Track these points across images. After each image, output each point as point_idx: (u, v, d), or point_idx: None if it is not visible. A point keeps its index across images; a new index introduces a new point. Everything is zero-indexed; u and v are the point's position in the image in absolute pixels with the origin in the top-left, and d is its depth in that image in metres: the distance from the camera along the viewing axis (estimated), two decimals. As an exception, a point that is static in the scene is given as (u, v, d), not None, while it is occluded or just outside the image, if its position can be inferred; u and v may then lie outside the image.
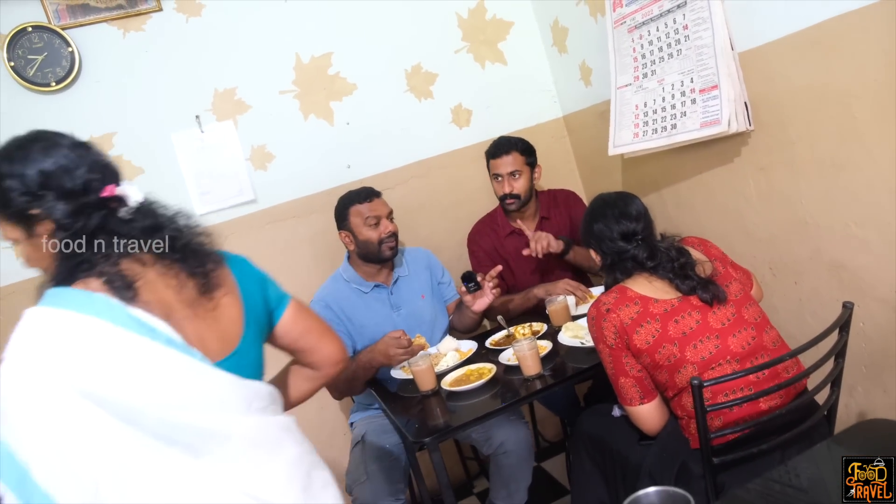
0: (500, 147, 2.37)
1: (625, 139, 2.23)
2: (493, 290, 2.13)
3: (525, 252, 2.22)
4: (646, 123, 2.12)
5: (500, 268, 2.19)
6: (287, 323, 1.25)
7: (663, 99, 2.04)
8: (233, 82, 2.50)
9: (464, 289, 2.13)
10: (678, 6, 1.93)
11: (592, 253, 1.63)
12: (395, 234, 2.19)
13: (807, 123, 1.73)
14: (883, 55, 1.47)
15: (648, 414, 1.45)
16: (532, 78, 2.88)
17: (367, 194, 2.20)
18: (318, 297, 2.21)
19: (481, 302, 2.14)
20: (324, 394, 2.59)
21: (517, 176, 2.34)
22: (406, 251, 2.36)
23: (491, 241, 2.46)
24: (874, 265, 1.68)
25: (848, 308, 1.36)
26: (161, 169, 2.42)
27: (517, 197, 2.35)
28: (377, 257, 2.18)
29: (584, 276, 2.46)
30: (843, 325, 1.35)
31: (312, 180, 2.61)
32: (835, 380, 1.40)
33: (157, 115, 2.41)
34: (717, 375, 1.34)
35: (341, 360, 1.33)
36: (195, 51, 2.45)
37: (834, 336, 1.41)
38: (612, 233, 1.53)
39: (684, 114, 1.96)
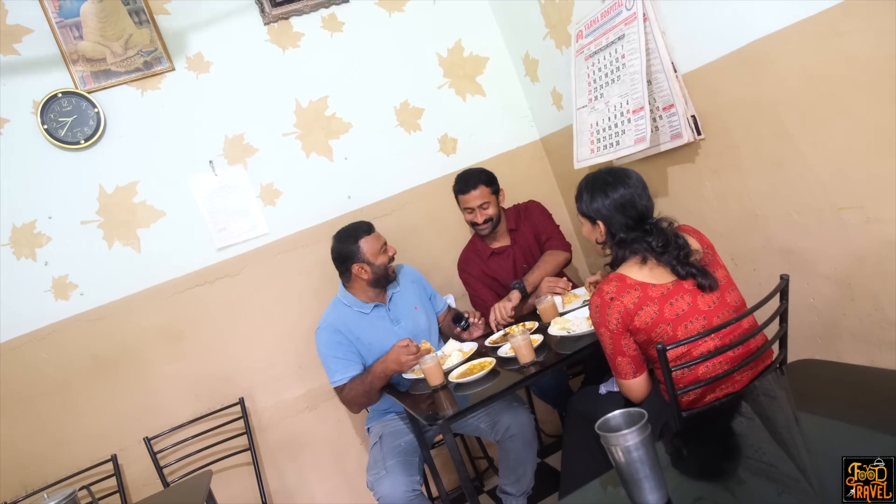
0: (467, 183, 2.61)
1: (584, 154, 2.51)
2: (480, 322, 2.49)
3: (493, 325, 2.46)
4: (598, 140, 2.41)
5: (479, 314, 2.54)
6: None
7: (609, 118, 2.33)
8: (241, 129, 2.77)
9: (459, 329, 2.47)
10: (619, 38, 2.22)
11: (601, 226, 1.70)
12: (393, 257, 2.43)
13: (747, 129, 2.00)
14: (800, 69, 1.75)
15: (638, 385, 1.65)
16: (510, 106, 3.17)
17: (369, 228, 2.40)
18: (325, 323, 2.39)
19: (477, 332, 2.48)
20: (339, 408, 2.83)
21: (486, 207, 2.60)
22: (397, 268, 2.59)
23: (477, 265, 2.72)
24: (815, 247, 1.94)
25: (784, 279, 1.60)
26: (181, 210, 2.67)
27: (490, 220, 2.62)
28: (387, 278, 2.41)
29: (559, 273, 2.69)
30: (782, 292, 1.59)
31: (317, 211, 2.87)
32: (781, 338, 1.65)
33: (175, 162, 2.68)
34: (703, 351, 1.54)
35: None
36: (206, 103, 2.73)
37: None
38: (630, 211, 1.65)
39: (623, 132, 2.24)
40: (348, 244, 2.36)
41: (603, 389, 1.88)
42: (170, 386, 2.65)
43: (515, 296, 2.47)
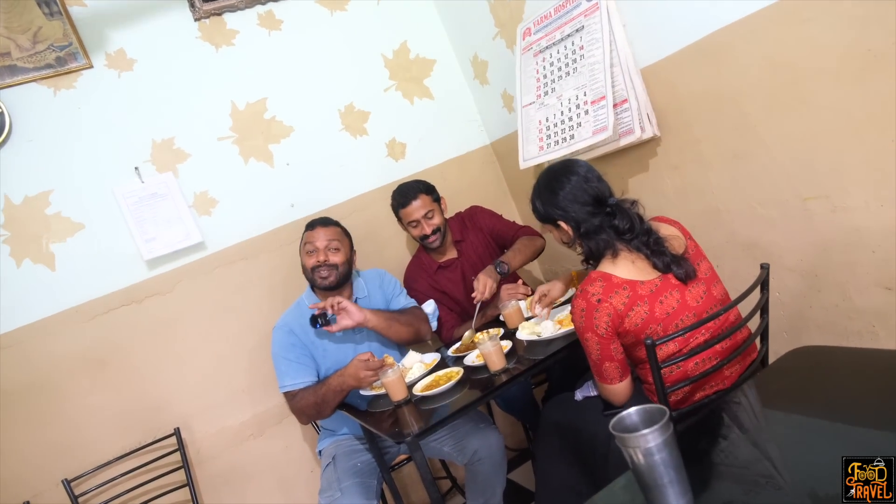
0: (407, 195, 2.46)
1: (532, 153, 2.43)
2: (341, 306, 2.13)
3: (474, 296, 2.25)
4: (548, 136, 2.33)
5: (333, 299, 2.15)
6: None
7: (562, 112, 2.26)
8: (170, 132, 2.54)
9: (321, 328, 2.14)
10: (577, 30, 2.16)
11: (563, 225, 1.61)
12: (332, 265, 2.22)
13: (708, 123, 1.97)
14: (763, 58, 1.73)
15: (623, 389, 1.55)
16: (458, 110, 3.07)
17: (313, 223, 2.31)
18: (281, 322, 2.24)
19: (345, 321, 2.13)
20: (287, 432, 2.61)
21: (431, 216, 2.47)
22: (362, 275, 2.44)
23: (425, 280, 2.58)
24: (780, 239, 1.92)
25: (764, 268, 1.55)
26: (103, 222, 2.41)
27: (438, 231, 2.48)
28: (314, 284, 2.26)
29: (514, 278, 2.59)
30: (762, 283, 1.54)
31: (258, 222, 2.66)
32: (763, 333, 1.59)
33: (95, 170, 2.41)
34: (694, 345, 1.46)
35: None
36: (130, 104, 2.48)
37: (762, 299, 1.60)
38: (584, 197, 1.55)
39: (579, 124, 2.18)
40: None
41: (579, 395, 1.77)
42: (93, 420, 2.36)
43: (497, 276, 2.29)
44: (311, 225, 2.30)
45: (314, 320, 2.14)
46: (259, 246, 2.64)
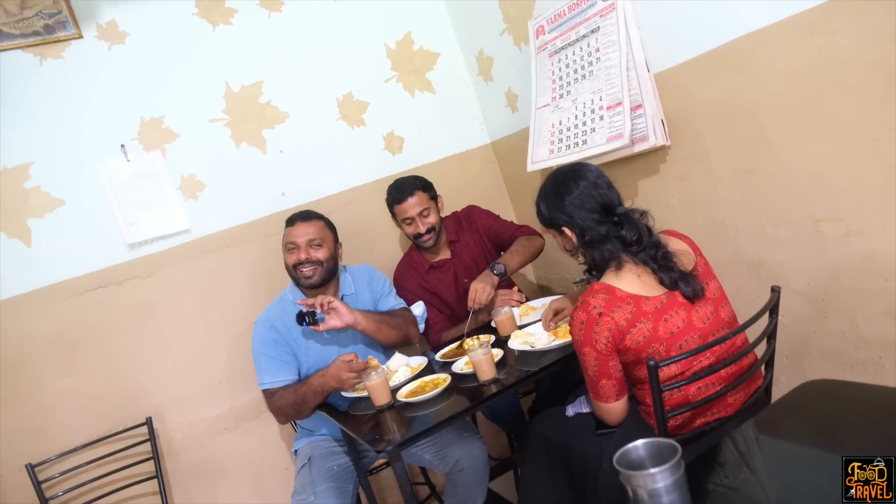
0: (404, 190, 2.36)
1: (541, 156, 2.34)
2: (330, 305, 2.03)
3: (470, 306, 2.18)
4: (560, 140, 2.25)
5: (323, 297, 2.06)
6: None
7: (576, 117, 2.18)
8: (160, 111, 2.44)
9: (310, 327, 2.03)
10: (592, 31, 2.08)
11: (567, 232, 1.53)
12: (315, 262, 2.11)
13: (721, 134, 1.89)
14: (784, 68, 1.64)
15: (619, 408, 1.47)
16: (460, 106, 2.98)
17: (293, 218, 2.19)
18: (263, 317, 2.15)
19: (335, 321, 2.03)
20: (263, 428, 2.52)
21: (427, 214, 2.37)
22: (350, 270, 2.34)
23: (415, 280, 2.48)
24: (789, 260, 1.84)
25: (776, 291, 1.47)
26: (83, 199, 2.31)
27: (433, 230, 2.38)
28: (296, 281, 2.16)
29: (509, 283, 2.50)
30: (772, 308, 1.46)
31: (246, 209, 2.56)
32: (769, 360, 1.51)
33: (78, 144, 2.31)
34: (697, 369, 1.38)
35: None
36: (119, 79, 2.38)
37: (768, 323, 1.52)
38: (592, 204, 1.47)
39: (593, 129, 2.09)
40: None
41: (570, 411, 1.69)
42: (62, 404, 2.26)
43: (495, 281, 2.20)
44: (291, 220, 2.18)
45: (301, 318, 2.03)
46: (246, 234, 2.54)
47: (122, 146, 2.37)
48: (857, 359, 1.76)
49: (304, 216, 2.18)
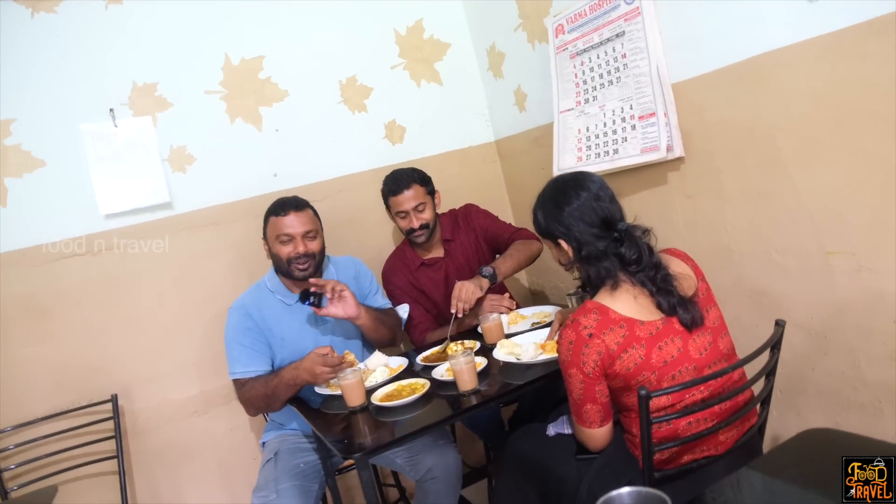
0: (400, 183, 2.27)
1: (569, 163, 2.25)
2: (340, 291, 1.98)
3: (453, 305, 2.08)
4: (588, 147, 2.16)
5: (334, 282, 2.00)
6: None
7: (604, 124, 2.09)
8: (154, 77, 2.34)
9: (314, 309, 1.97)
10: (617, 35, 1.99)
11: (563, 244, 1.44)
12: (311, 255, 2.03)
13: (734, 153, 1.80)
14: (809, 91, 1.56)
15: (602, 435, 1.39)
16: (466, 100, 2.89)
17: (283, 206, 2.04)
18: (238, 303, 2.06)
19: (340, 307, 1.98)
20: (234, 414, 2.43)
21: (422, 209, 2.28)
22: (334, 261, 2.25)
23: (404, 275, 2.40)
24: (793, 291, 1.76)
25: (780, 326, 1.39)
26: (66, 162, 2.21)
27: (427, 227, 2.29)
28: (288, 275, 2.06)
29: (501, 289, 2.42)
30: (774, 343, 1.38)
31: (235, 187, 2.47)
32: (766, 398, 1.43)
33: (65, 104, 2.21)
34: (689, 403, 1.30)
35: None
36: (114, 39, 2.28)
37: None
38: (591, 217, 1.39)
39: (625, 139, 2.01)
40: (266, 214, 2.09)
41: (551, 431, 1.60)
42: (24, 372, 2.17)
43: (484, 284, 2.12)
44: (282, 209, 2.03)
45: (306, 296, 1.96)
46: (233, 213, 2.45)
47: (111, 110, 2.27)
48: (856, 401, 1.68)
49: (296, 205, 2.05)
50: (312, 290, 1.97)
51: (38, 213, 2.18)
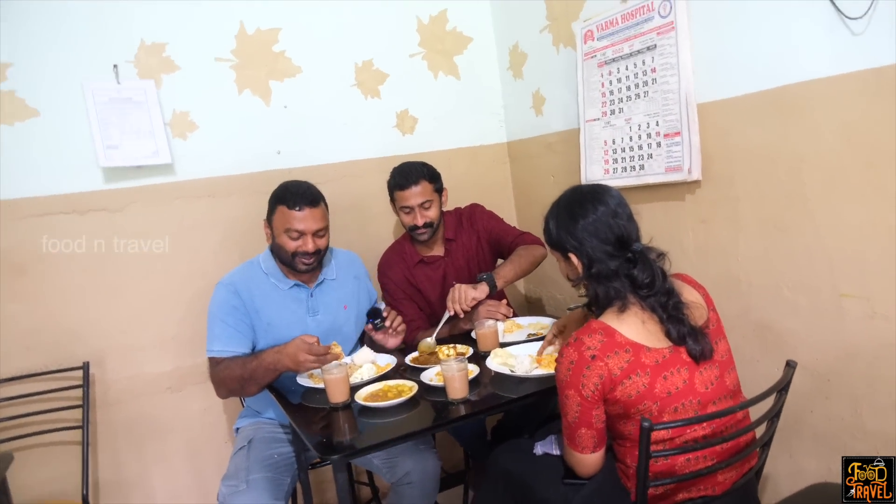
0: (408, 177, 2.20)
1: (596, 174, 2.21)
2: (399, 328, 2.07)
3: (448, 306, 2.06)
4: (615, 161, 2.11)
5: (399, 319, 2.10)
6: None
7: (630, 138, 2.03)
8: (163, 37, 2.25)
9: (370, 325, 2.06)
10: (648, 48, 1.92)
11: (574, 259, 1.38)
12: (318, 252, 1.95)
13: (755, 182, 1.75)
14: (841, 125, 1.50)
15: (594, 461, 1.33)
16: (483, 98, 2.82)
17: (296, 199, 1.90)
18: (227, 279, 1.97)
19: (392, 341, 2.08)
20: (209, 395, 2.33)
21: (428, 206, 2.21)
22: (337, 253, 2.17)
23: (401, 270, 2.33)
24: (801, 330, 1.70)
25: (791, 367, 1.33)
26: (62, 115, 2.12)
27: (430, 226, 2.23)
28: (290, 266, 1.98)
29: (499, 295, 2.35)
30: (784, 386, 1.32)
31: (236, 160, 2.39)
32: (767, 441, 1.37)
33: (67, 55, 2.12)
34: (689, 439, 1.24)
35: None
36: (125, -7, 2.19)
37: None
38: (606, 233, 1.33)
39: (650, 156, 1.95)
40: (273, 198, 1.97)
41: (539, 450, 1.54)
42: (-5, 330, 2.08)
43: (482, 290, 2.07)
44: (295, 202, 1.89)
45: (376, 314, 2.06)
46: (231, 186, 2.37)
47: (115, 66, 2.18)
48: (853, 449, 1.63)
49: (311, 199, 1.92)
50: (385, 314, 2.05)
51: (27, 165, 2.09)
